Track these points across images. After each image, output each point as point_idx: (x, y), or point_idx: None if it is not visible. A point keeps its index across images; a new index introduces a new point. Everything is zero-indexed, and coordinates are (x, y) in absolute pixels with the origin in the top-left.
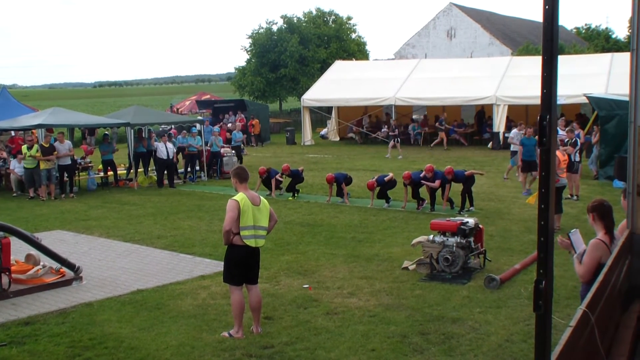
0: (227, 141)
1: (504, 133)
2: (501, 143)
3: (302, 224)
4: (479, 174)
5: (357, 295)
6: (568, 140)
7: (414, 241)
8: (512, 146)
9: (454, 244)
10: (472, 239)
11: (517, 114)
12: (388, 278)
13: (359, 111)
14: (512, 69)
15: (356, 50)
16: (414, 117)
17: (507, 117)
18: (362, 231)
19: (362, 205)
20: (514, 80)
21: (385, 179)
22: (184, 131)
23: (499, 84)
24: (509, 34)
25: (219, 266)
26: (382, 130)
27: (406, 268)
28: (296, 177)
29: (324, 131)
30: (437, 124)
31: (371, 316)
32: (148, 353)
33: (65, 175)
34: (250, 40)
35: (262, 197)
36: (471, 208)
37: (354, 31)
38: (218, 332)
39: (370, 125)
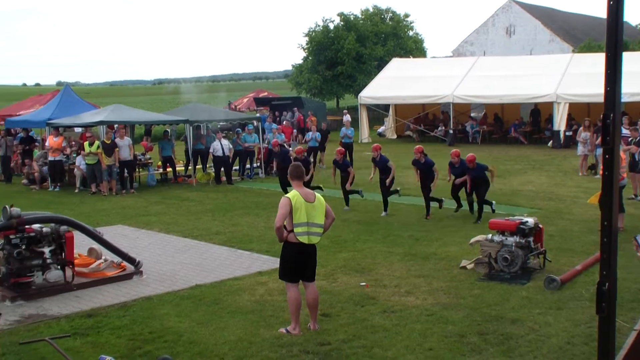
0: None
1: (564, 131)
2: (562, 142)
3: (359, 222)
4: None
5: (414, 294)
6: (632, 139)
7: (472, 240)
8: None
9: (513, 244)
10: (531, 239)
11: (578, 112)
12: (445, 277)
13: (416, 109)
14: (574, 66)
15: (413, 48)
16: (472, 114)
17: (569, 115)
18: (419, 229)
19: (419, 204)
20: (575, 77)
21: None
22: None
23: (560, 82)
24: (570, 31)
25: (276, 263)
26: (439, 128)
27: (464, 267)
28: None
29: (381, 129)
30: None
31: (428, 315)
32: (206, 347)
33: (126, 171)
34: (307, 38)
35: (317, 194)
36: (478, 221)
37: (412, 28)
38: (275, 328)
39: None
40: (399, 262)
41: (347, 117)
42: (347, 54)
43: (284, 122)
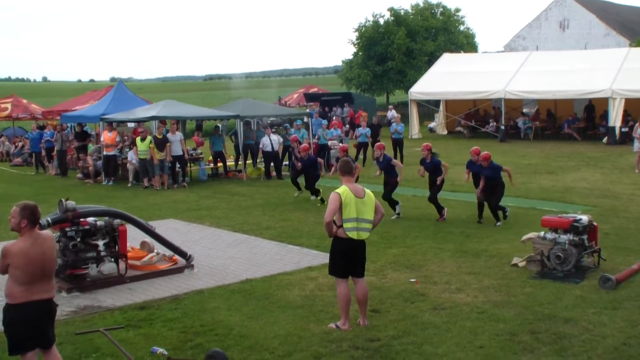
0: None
1: (620, 128)
2: (617, 138)
3: (409, 218)
4: (509, 176)
5: (464, 291)
6: None
7: (524, 237)
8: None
9: (567, 242)
10: (585, 237)
11: (635, 108)
12: (497, 274)
13: (467, 105)
14: (630, 61)
15: (464, 43)
16: (524, 110)
17: (625, 111)
18: (470, 226)
19: (470, 200)
20: (632, 72)
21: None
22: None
23: (616, 77)
24: (627, 24)
25: (325, 258)
26: (490, 124)
27: (515, 265)
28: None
29: (432, 124)
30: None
31: (479, 313)
32: (256, 341)
33: (178, 165)
34: (357, 34)
35: (367, 190)
36: (498, 223)
37: (463, 23)
38: (325, 323)
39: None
40: (450, 259)
41: (392, 113)
42: (397, 49)
43: (334, 118)
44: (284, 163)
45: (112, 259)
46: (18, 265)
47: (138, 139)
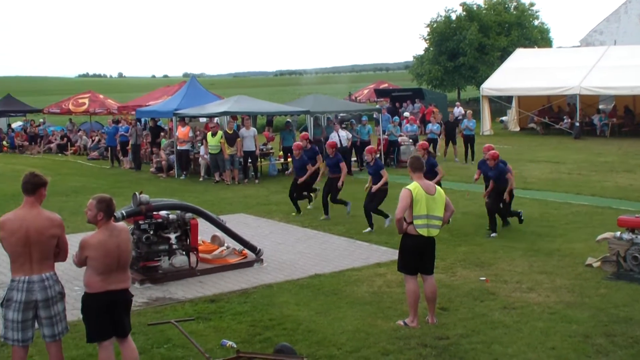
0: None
1: None
2: None
3: (479, 215)
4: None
5: (536, 291)
6: None
7: (599, 237)
8: None
9: None
10: None
11: None
12: (570, 274)
13: (540, 101)
14: None
15: (539, 38)
16: (600, 107)
17: None
18: (542, 225)
19: (542, 198)
20: None
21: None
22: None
23: None
24: None
25: (394, 254)
26: (564, 120)
27: (590, 265)
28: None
29: (504, 117)
30: None
31: (551, 313)
32: (324, 337)
33: (249, 160)
34: (428, 29)
35: (438, 187)
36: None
37: (537, 18)
38: (393, 320)
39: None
40: (521, 258)
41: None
42: (469, 45)
43: (405, 114)
44: (352, 159)
45: (184, 252)
46: (95, 257)
47: (209, 134)
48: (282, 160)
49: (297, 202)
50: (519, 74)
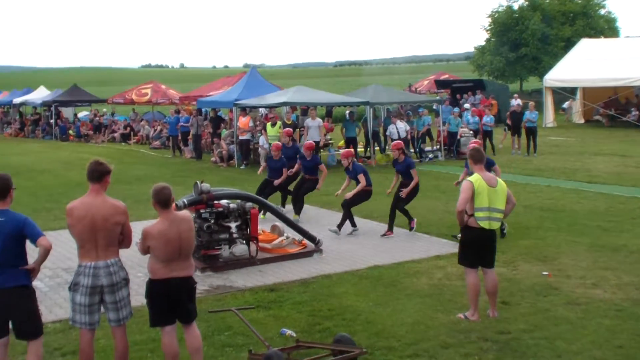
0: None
1: None
2: None
3: (542, 209)
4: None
5: (601, 287)
6: None
7: None
8: None
9: None
10: None
11: None
12: (637, 271)
13: (606, 92)
14: None
15: (605, 28)
16: None
17: None
18: (608, 219)
19: (608, 192)
20: None
21: None
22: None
23: None
24: None
25: (454, 247)
26: (632, 113)
27: None
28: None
29: (566, 104)
30: None
31: (617, 310)
32: (383, 328)
33: None
34: (490, 19)
35: (499, 179)
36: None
37: (603, 7)
38: (453, 313)
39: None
40: (585, 253)
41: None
42: (532, 35)
43: (465, 105)
44: (410, 150)
45: (244, 241)
46: (156, 246)
47: (268, 124)
48: (341, 150)
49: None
50: (584, 64)
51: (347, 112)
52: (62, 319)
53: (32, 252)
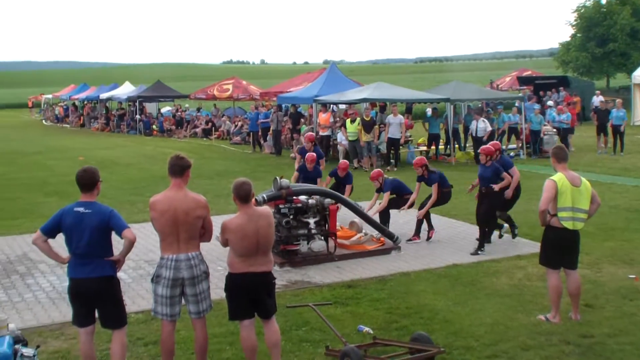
0: None
1: None
2: None
3: (629, 209)
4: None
5: None
6: None
7: None
8: None
9: None
10: None
11: None
12: None
13: None
14: None
15: None
16: None
17: None
18: None
19: None
20: None
21: None
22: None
23: None
24: None
25: (535, 247)
26: None
27: None
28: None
29: None
30: None
31: None
32: (462, 328)
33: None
34: (576, 14)
35: (583, 179)
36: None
37: None
38: (533, 315)
39: None
40: None
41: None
42: (621, 30)
43: (548, 102)
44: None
45: (322, 237)
46: (234, 240)
47: (348, 120)
48: (422, 147)
49: None
50: None
51: (430, 108)
52: (144, 309)
53: (117, 244)
